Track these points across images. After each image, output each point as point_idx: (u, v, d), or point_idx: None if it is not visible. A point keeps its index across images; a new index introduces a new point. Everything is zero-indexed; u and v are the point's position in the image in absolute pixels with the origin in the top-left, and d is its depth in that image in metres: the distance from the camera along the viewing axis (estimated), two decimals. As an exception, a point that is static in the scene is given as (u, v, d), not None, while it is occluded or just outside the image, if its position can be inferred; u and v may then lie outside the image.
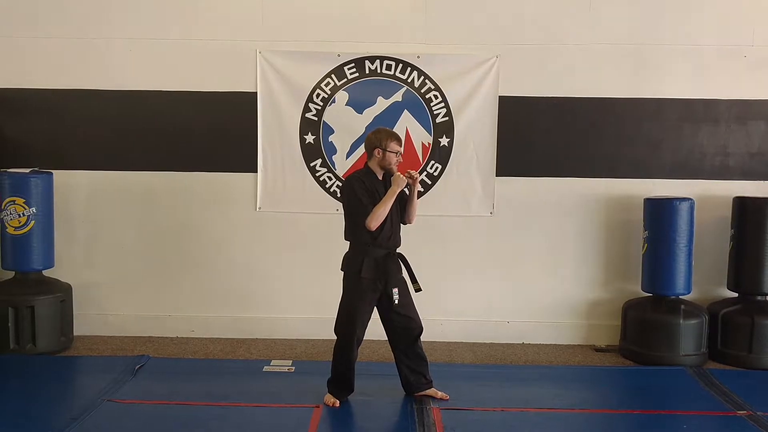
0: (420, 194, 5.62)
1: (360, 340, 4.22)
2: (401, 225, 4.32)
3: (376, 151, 4.19)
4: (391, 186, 4.14)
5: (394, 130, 5.55)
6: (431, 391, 4.38)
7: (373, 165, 4.22)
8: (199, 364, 5.13)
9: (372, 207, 4.08)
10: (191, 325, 5.80)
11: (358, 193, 4.11)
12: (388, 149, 4.16)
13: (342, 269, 4.24)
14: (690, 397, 4.57)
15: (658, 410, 4.32)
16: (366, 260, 4.11)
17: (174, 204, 5.72)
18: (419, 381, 4.37)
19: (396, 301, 4.14)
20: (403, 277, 4.27)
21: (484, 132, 5.64)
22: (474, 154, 5.67)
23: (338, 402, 4.23)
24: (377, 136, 4.21)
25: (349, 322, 4.16)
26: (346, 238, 4.26)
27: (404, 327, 4.27)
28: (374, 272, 4.12)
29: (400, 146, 4.23)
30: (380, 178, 4.23)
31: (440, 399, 4.34)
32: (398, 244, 4.29)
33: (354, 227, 4.17)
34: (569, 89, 5.60)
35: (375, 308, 4.25)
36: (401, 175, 4.11)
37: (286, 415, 4.14)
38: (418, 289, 4.27)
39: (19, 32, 5.60)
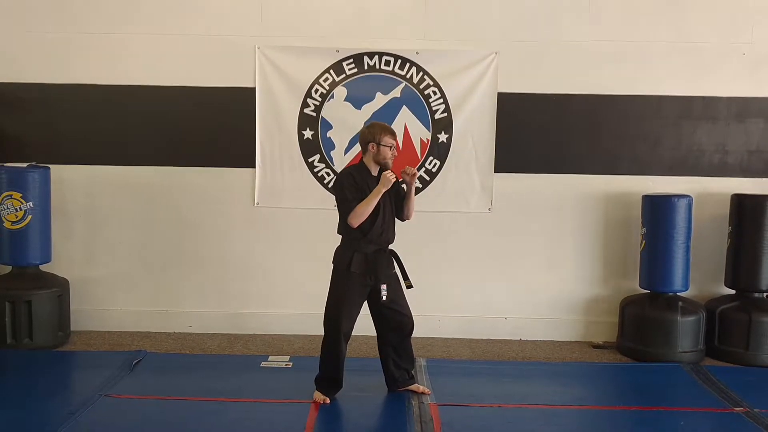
0: (418, 190, 5.66)
1: (348, 335, 4.19)
2: (398, 221, 4.31)
3: (370, 146, 4.15)
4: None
5: (392, 125, 5.61)
6: (413, 387, 4.40)
7: (368, 160, 4.19)
8: (197, 359, 5.12)
9: (357, 204, 4.06)
10: (189, 321, 5.79)
11: (346, 188, 4.10)
12: (382, 143, 4.13)
13: (333, 263, 4.23)
14: (687, 394, 4.58)
15: (656, 407, 4.33)
16: (356, 255, 4.11)
17: (171, 199, 5.71)
18: (404, 377, 4.38)
19: (384, 298, 4.12)
20: (394, 273, 4.26)
21: (482, 128, 5.64)
22: (473, 151, 5.66)
23: (328, 399, 4.22)
24: (371, 131, 4.19)
25: (336, 316, 4.13)
26: (338, 232, 4.25)
27: (396, 322, 4.27)
28: (364, 267, 4.11)
29: (395, 140, 4.18)
30: (374, 173, 4.19)
31: (421, 393, 4.35)
32: (390, 241, 4.26)
33: (342, 220, 4.17)
34: (568, 86, 5.60)
35: (366, 304, 4.24)
36: (388, 176, 4.03)
37: (284, 411, 4.13)
38: (409, 286, 4.27)
39: (17, 27, 5.57)
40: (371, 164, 4.19)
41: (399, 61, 5.59)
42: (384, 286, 4.12)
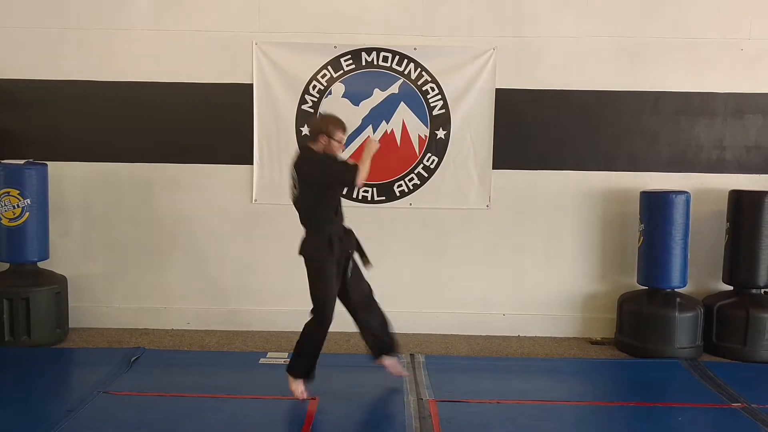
0: (417, 186, 5.67)
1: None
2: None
3: (321, 138, 4.16)
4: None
5: (389, 121, 5.62)
6: (391, 362, 4.41)
7: (317, 149, 4.18)
8: (195, 356, 5.12)
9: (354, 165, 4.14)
10: (187, 317, 5.79)
11: (336, 162, 4.15)
12: (334, 138, 4.15)
13: (306, 254, 4.15)
14: (685, 390, 4.60)
15: (653, 402, 4.34)
16: (333, 239, 4.09)
17: (169, 196, 5.70)
18: (391, 339, 4.38)
19: (349, 271, 4.16)
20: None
21: (480, 125, 5.63)
22: (471, 147, 5.66)
23: (306, 394, 4.19)
24: (324, 122, 4.22)
25: (328, 307, 4.12)
26: (306, 223, 4.17)
27: (363, 290, 4.31)
28: (341, 248, 4.13)
29: (345, 135, 4.23)
30: None
31: (397, 375, 4.35)
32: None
33: (317, 206, 4.13)
34: (566, 82, 5.59)
35: None
36: (374, 142, 4.22)
37: (283, 408, 4.14)
38: (368, 264, 4.33)
39: (14, 22, 5.56)
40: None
41: (397, 57, 5.58)
42: (355, 256, 4.20)
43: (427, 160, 5.68)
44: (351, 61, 5.59)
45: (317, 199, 4.14)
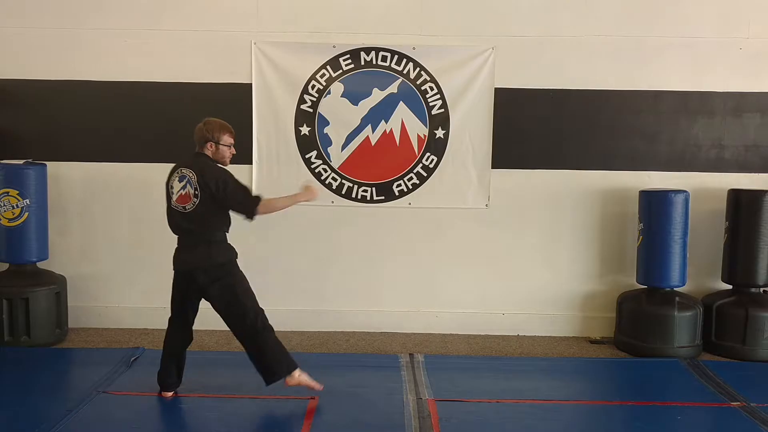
0: (416, 186, 5.67)
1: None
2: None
3: (208, 145, 4.05)
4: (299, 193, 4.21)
5: (388, 121, 5.63)
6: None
7: (208, 155, 4.11)
8: (194, 356, 5.08)
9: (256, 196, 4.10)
10: (186, 317, 5.77)
11: (238, 183, 4.02)
12: (221, 143, 4.06)
13: (222, 261, 4.21)
14: (684, 389, 4.60)
15: (653, 401, 4.34)
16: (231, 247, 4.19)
17: (169, 196, 5.70)
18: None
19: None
20: None
21: (479, 124, 5.64)
22: (470, 147, 5.66)
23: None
24: (209, 128, 4.06)
25: (258, 306, 4.30)
26: (204, 232, 4.14)
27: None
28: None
29: (233, 138, 4.12)
30: None
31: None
32: None
33: (224, 218, 4.13)
34: (565, 81, 5.59)
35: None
36: (314, 191, 4.12)
37: (281, 407, 4.14)
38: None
39: (13, 22, 5.56)
40: None
41: (395, 57, 5.58)
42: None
43: (426, 160, 5.68)
44: (350, 61, 5.59)
45: (215, 212, 4.09)
